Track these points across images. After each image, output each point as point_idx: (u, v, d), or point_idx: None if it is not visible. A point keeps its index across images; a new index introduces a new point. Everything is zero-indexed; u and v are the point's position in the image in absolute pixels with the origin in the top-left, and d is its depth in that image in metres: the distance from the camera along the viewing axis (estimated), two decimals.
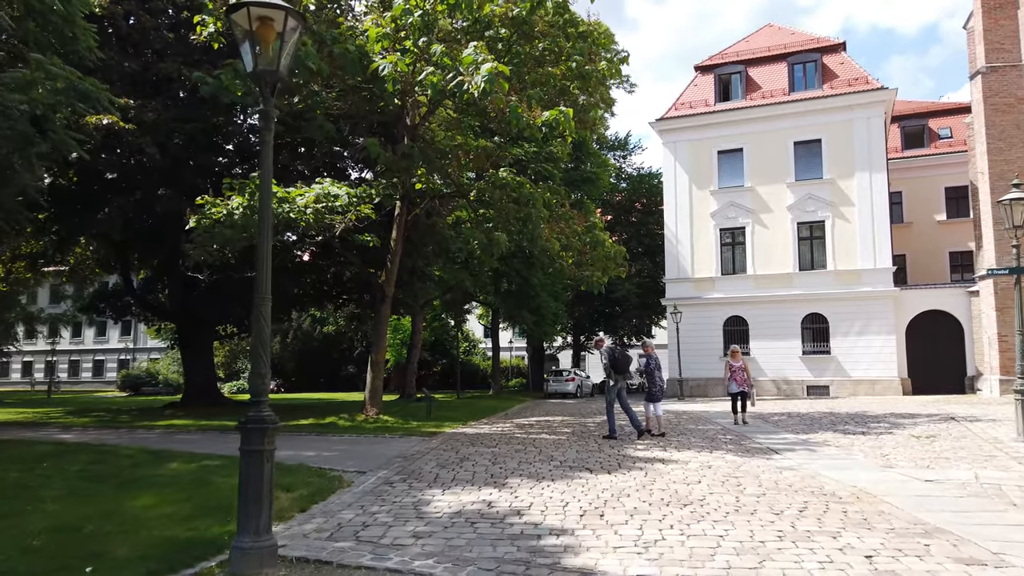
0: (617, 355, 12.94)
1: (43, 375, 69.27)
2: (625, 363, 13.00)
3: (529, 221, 13.98)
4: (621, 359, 12.94)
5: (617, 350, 13.06)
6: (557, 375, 36.53)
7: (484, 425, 15.95)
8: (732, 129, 32.90)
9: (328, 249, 24.81)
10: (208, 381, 26.40)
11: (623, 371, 13.00)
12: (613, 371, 12.98)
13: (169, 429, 15.10)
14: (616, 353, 12.97)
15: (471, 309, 44.82)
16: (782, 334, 30.78)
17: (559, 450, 10.81)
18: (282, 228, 15.87)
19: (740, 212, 32.31)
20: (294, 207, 15.05)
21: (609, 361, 12.95)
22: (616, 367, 12.94)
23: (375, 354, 17.66)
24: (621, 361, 12.94)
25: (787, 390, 30.52)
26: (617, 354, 12.96)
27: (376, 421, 16.11)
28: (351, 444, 11.77)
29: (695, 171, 33.26)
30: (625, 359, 13.01)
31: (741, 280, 32.08)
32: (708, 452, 10.61)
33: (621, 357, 12.95)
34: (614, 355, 12.96)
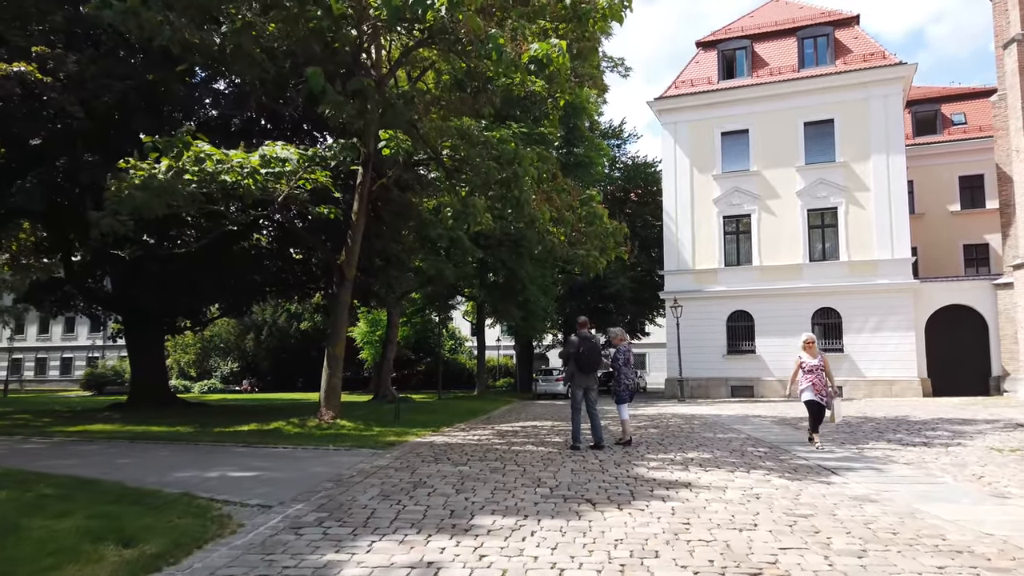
0: (583, 349, 10.25)
1: (7, 373, 66.10)
2: (591, 360, 10.31)
3: (514, 184, 11.37)
4: (587, 354, 10.26)
5: (585, 342, 10.34)
6: (546, 374, 33.94)
7: (459, 432, 13.32)
8: (737, 109, 30.45)
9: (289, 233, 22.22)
10: (157, 380, 23.63)
11: (588, 370, 10.34)
12: (576, 369, 10.37)
13: (81, 437, 12.38)
14: (582, 347, 10.27)
15: (456, 305, 42.22)
16: (791, 330, 28.19)
17: (548, 469, 8.20)
18: (219, 195, 13.21)
19: (745, 198, 29.84)
20: (231, 168, 12.44)
21: (573, 355, 10.35)
22: (579, 364, 10.31)
23: (332, 347, 15.01)
24: (586, 357, 10.26)
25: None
26: (583, 348, 10.26)
27: (330, 427, 13.46)
28: (280, 459, 9.11)
29: (697, 154, 30.76)
30: (592, 354, 10.31)
31: (746, 272, 29.60)
32: (744, 472, 8.04)
33: (588, 352, 10.26)
34: (578, 349, 10.29)
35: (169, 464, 8.61)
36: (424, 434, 12.65)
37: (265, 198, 13.71)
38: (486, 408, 22.46)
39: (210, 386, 48.39)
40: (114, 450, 10.20)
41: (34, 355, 67.86)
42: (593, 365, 10.29)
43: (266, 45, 11.60)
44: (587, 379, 10.34)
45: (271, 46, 11.76)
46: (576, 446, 10.21)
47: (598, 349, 10.32)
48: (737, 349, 29.30)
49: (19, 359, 67.81)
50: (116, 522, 5.24)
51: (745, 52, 31.26)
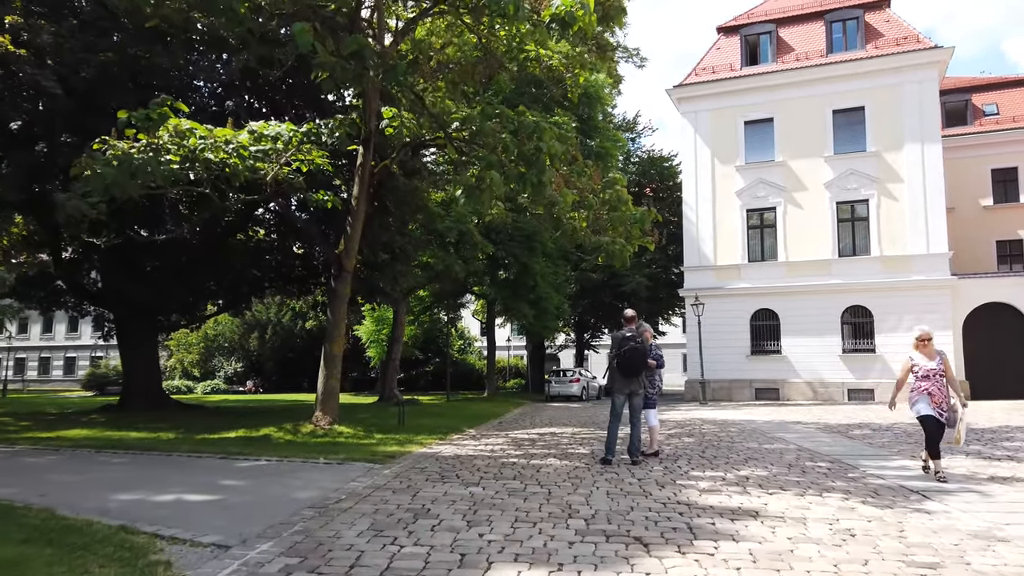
0: (624, 349, 8.77)
1: (11, 373, 65.19)
2: (634, 362, 8.76)
3: (534, 161, 9.93)
4: (629, 356, 8.74)
5: (628, 341, 8.81)
6: (559, 375, 32.48)
7: (468, 440, 11.92)
8: (761, 96, 28.90)
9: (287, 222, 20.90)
10: (150, 380, 22.32)
11: (630, 373, 8.82)
12: (617, 372, 8.95)
13: (47, 445, 11.05)
14: (623, 347, 8.79)
15: (466, 303, 40.87)
16: (819, 329, 26.76)
17: (578, 491, 6.77)
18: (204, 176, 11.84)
19: (770, 190, 28.30)
20: (216, 145, 11.11)
21: (614, 356, 8.94)
22: (620, 366, 8.84)
23: (329, 345, 13.63)
24: (628, 358, 8.74)
25: (824, 393, 26.51)
26: (625, 348, 8.78)
27: (325, 434, 12.08)
28: (258, 476, 7.71)
29: (718, 144, 29.23)
30: (636, 355, 8.75)
31: (771, 268, 28.05)
32: (816, 495, 6.60)
33: (630, 353, 8.73)
34: (619, 349, 8.85)
35: (123, 482, 7.25)
36: (430, 442, 11.25)
37: (256, 179, 12.37)
38: (497, 411, 21.07)
39: (213, 387, 47.11)
40: (71, 463, 8.85)
41: (37, 354, 66.97)
42: (636, 368, 8.79)
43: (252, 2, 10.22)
44: (629, 383, 8.87)
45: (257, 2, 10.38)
46: (608, 459, 8.79)
47: (643, 350, 8.80)
48: (761, 349, 27.76)
49: (23, 359, 66.94)
50: (12, 574, 3.87)
51: (769, 37, 29.72)
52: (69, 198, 10.54)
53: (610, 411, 9.09)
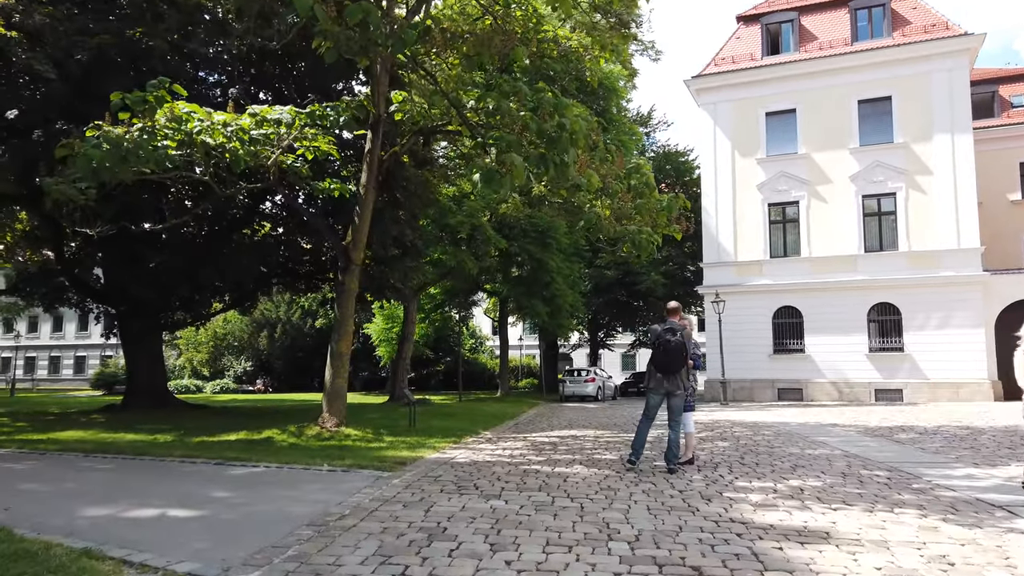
0: (659, 343, 7.96)
1: (21, 372, 64.97)
2: (671, 359, 7.91)
3: (557, 141, 9.11)
4: (665, 351, 7.92)
5: (664, 335, 7.99)
6: (575, 374, 31.61)
7: (485, 444, 11.12)
8: (783, 87, 27.95)
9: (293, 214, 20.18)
10: (154, 379, 21.64)
11: (667, 371, 7.97)
12: (652, 369, 8.16)
13: (33, 448, 10.33)
14: (659, 340, 7.98)
15: (478, 301, 40.10)
16: (844, 328, 25.79)
17: (614, 505, 5.95)
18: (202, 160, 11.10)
19: (793, 184, 27.34)
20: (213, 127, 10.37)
21: (654, 352, 8.15)
22: (655, 362, 8.06)
23: (336, 343, 12.86)
24: (664, 354, 7.93)
25: (849, 394, 25.55)
26: (660, 342, 7.95)
27: (331, 437, 11.31)
28: (253, 486, 6.93)
29: (739, 137, 28.30)
30: (673, 352, 7.89)
31: (794, 264, 27.11)
32: (888, 511, 5.77)
33: (666, 348, 7.90)
34: (655, 343, 8.06)
35: (101, 493, 6.50)
36: (443, 446, 10.45)
37: (258, 167, 11.64)
38: (511, 412, 20.28)
39: (223, 386, 46.55)
40: (51, 469, 8.10)
41: (48, 353, 66.74)
42: (673, 364, 7.96)
43: None
44: (667, 382, 8.04)
45: None
46: (633, 460, 7.97)
47: (681, 345, 7.94)
48: (784, 348, 26.81)
49: (33, 357, 66.77)
50: None
51: (791, 25, 28.76)
52: (56, 182, 9.81)
53: (643, 411, 8.27)
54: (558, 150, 9.18)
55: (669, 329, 8.11)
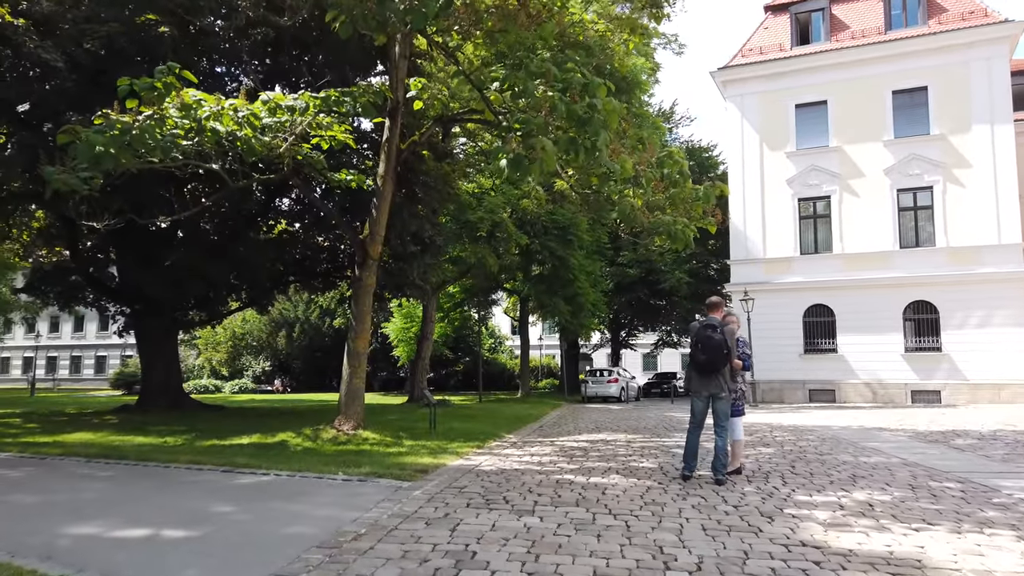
0: (698, 340, 7.37)
1: (43, 372, 65.31)
2: (711, 357, 7.27)
3: (588, 123, 8.43)
4: (703, 349, 7.32)
5: (703, 331, 7.40)
6: (597, 375, 30.86)
7: (510, 448, 10.45)
8: (813, 78, 27.02)
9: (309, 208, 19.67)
10: (169, 379, 21.20)
11: (705, 370, 7.33)
12: (693, 371, 7.52)
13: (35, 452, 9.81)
14: (698, 338, 7.40)
15: (498, 300, 39.46)
16: (878, 327, 24.83)
17: (664, 524, 5.26)
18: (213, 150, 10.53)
19: (824, 178, 26.42)
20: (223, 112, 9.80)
21: (692, 351, 7.51)
22: (693, 361, 7.47)
23: (352, 342, 12.25)
24: (701, 352, 7.34)
25: (884, 395, 24.59)
26: (699, 339, 7.36)
27: (348, 441, 10.70)
28: (259, 498, 6.31)
29: (767, 130, 27.42)
30: (712, 350, 7.26)
31: (825, 260, 26.18)
32: (975, 530, 5.05)
33: (704, 345, 7.31)
34: (694, 341, 7.46)
35: (93, 506, 5.91)
36: (467, 451, 9.79)
37: (272, 156, 11.06)
38: (534, 413, 19.62)
39: (241, 386, 46.24)
40: (46, 477, 7.54)
41: (69, 353, 67.01)
42: (713, 364, 7.28)
43: None
44: (708, 383, 7.35)
45: None
46: (687, 474, 7.29)
47: (722, 343, 7.25)
48: (816, 348, 25.90)
49: (54, 357, 67.11)
50: None
51: (822, 14, 27.81)
52: (58, 171, 9.27)
53: (690, 416, 7.57)
54: (589, 133, 8.48)
55: (709, 325, 7.44)
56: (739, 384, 7.77)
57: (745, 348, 7.89)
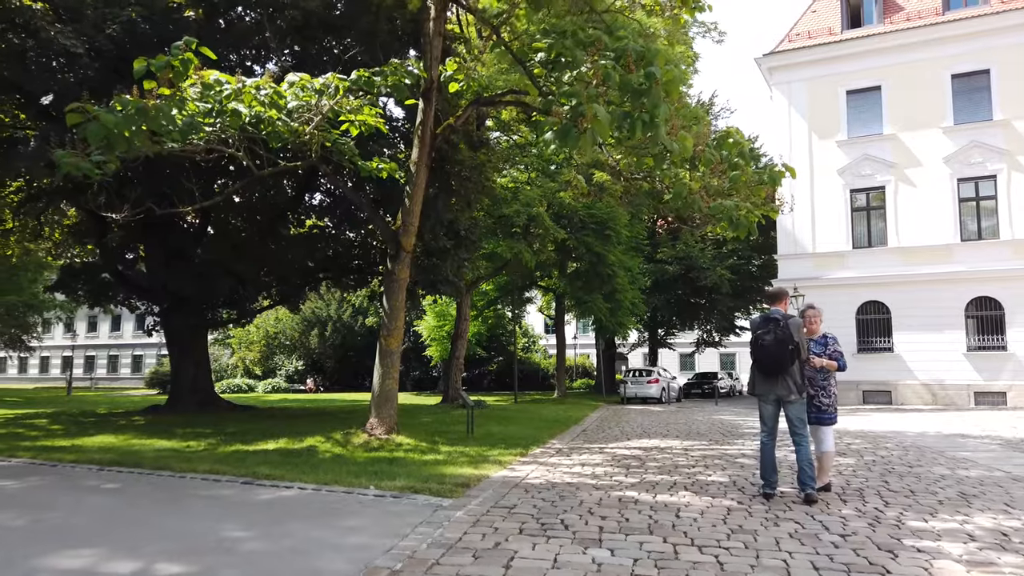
0: (760, 337, 6.49)
1: (81, 371, 66.08)
2: (776, 356, 6.35)
3: (647, 94, 7.49)
4: (764, 346, 6.41)
5: (766, 325, 6.51)
6: (637, 375, 29.78)
7: (557, 456, 9.54)
8: (866, 62, 25.63)
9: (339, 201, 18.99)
10: (199, 378, 20.68)
11: (771, 371, 6.41)
12: (756, 371, 6.64)
13: (46, 459, 9.17)
14: (759, 333, 6.52)
15: (532, 299, 38.55)
16: (937, 324, 23.40)
17: (761, 558, 4.33)
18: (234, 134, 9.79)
19: (878, 167, 25.03)
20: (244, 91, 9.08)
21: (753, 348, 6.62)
22: (756, 360, 6.58)
23: (385, 340, 11.44)
24: (764, 350, 6.42)
25: (944, 397, 23.16)
26: (761, 335, 6.48)
27: (380, 446, 9.90)
28: (279, 519, 5.48)
29: (816, 117, 26.10)
30: (775, 347, 6.33)
31: (880, 255, 24.79)
32: None
33: (765, 342, 6.41)
34: (756, 338, 6.60)
35: (86, 528, 5.13)
36: (509, 460, 8.91)
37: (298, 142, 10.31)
38: (574, 415, 18.68)
39: (274, 385, 46.01)
40: (48, 490, 6.82)
41: (106, 352, 67.72)
42: (776, 363, 6.35)
43: None
44: (773, 385, 6.42)
45: None
46: (769, 492, 6.32)
47: (787, 338, 6.32)
48: (870, 347, 24.53)
49: (92, 356, 67.87)
50: None
51: None
52: (69, 154, 8.59)
53: (760, 424, 6.63)
54: (648, 105, 7.53)
55: (770, 319, 6.51)
56: (832, 387, 6.78)
57: (836, 345, 6.89)
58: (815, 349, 6.87)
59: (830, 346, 6.81)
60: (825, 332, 7.04)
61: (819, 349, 6.89)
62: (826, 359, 6.78)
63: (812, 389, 6.76)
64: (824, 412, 6.74)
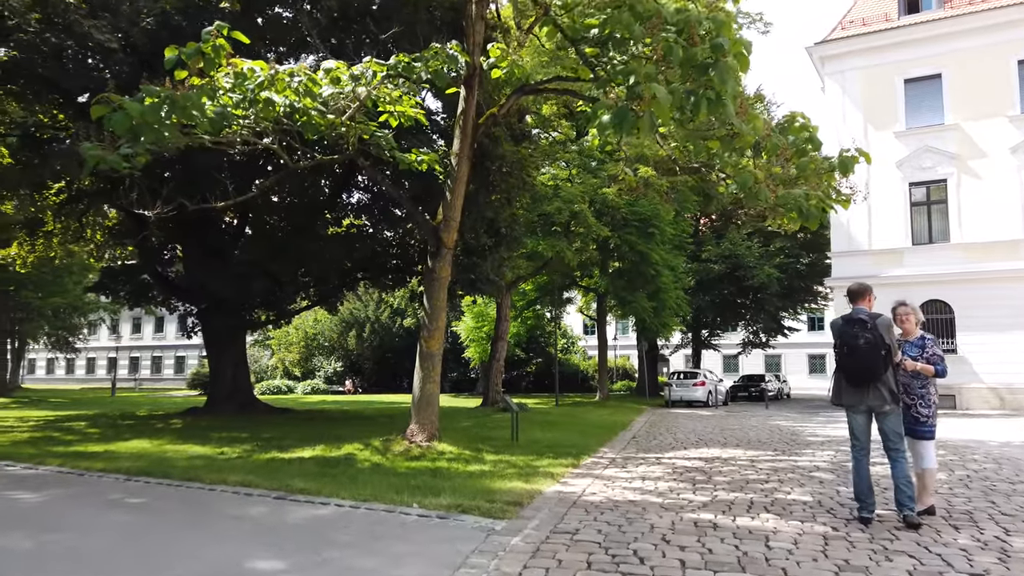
0: (844, 342, 5.73)
1: (127, 371, 67.19)
2: (866, 361, 5.59)
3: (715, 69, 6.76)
4: (852, 352, 5.66)
5: (851, 327, 5.74)
6: (682, 377, 28.82)
7: (612, 468, 8.83)
8: (924, 49, 24.34)
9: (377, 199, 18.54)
10: (237, 380, 20.41)
11: (859, 380, 5.65)
12: (842, 380, 5.87)
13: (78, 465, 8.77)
14: (843, 337, 5.76)
15: (572, 299, 37.79)
16: (1007, 324, 22.05)
17: None
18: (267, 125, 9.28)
19: (939, 159, 23.73)
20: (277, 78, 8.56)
21: (838, 354, 5.84)
22: (842, 367, 5.84)
23: (425, 342, 10.85)
24: (851, 356, 5.66)
25: (1013, 402, 21.82)
26: (844, 338, 5.73)
27: (422, 454, 9.29)
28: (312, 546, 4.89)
29: (872, 108, 24.89)
30: (862, 355, 5.59)
31: (942, 251, 23.49)
32: None
33: (853, 346, 5.65)
34: (839, 342, 5.85)
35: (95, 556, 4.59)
36: (561, 472, 8.22)
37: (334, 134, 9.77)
38: (620, 420, 17.90)
39: (313, 387, 45.99)
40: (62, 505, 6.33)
41: (150, 354, 68.72)
42: (866, 371, 5.59)
43: None
44: (865, 394, 5.66)
45: None
46: (866, 516, 5.54)
47: (876, 341, 5.54)
48: None
49: (136, 358, 68.96)
50: None
51: None
52: (94, 147, 8.16)
53: (850, 438, 5.86)
54: (715, 80, 6.80)
55: (855, 320, 5.73)
56: (931, 396, 5.96)
57: (935, 347, 6.07)
58: (910, 352, 6.08)
59: (928, 348, 6.01)
60: (922, 332, 6.22)
61: (915, 352, 6.09)
62: (922, 363, 5.97)
63: (908, 398, 5.96)
64: (923, 424, 5.95)
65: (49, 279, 32.76)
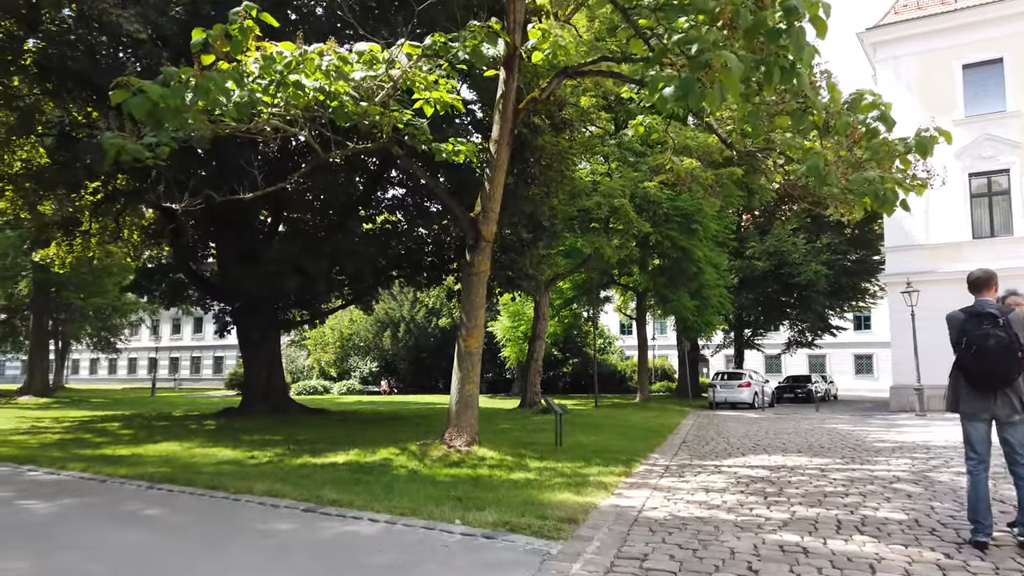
0: (967, 339, 4.97)
1: (167, 371, 68.06)
2: (997, 361, 4.82)
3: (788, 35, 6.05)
4: (980, 350, 4.90)
5: (976, 321, 4.97)
6: (726, 378, 27.86)
7: (668, 477, 8.12)
8: (983, 32, 23.08)
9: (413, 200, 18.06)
10: (272, 380, 20.07)
11: (986, 384, 4.92)
12: (963, 383, 5.09)
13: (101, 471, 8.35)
14: (965, 333, 4.99)
15: (610, 298, 36.97)
16: None
17: None
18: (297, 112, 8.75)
19: (1001, 148, 22.47)
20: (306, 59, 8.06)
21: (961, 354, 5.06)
22: (964, 368, 5.10)
23: (464, 341, 10.24)
24: (978, 355, 4.91)
25: None
26: (967, 335, 4.94)
27: (461, 461, 8.68)
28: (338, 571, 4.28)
29: (927, 95, 23.67)
30: (992, 355, 4.82)
31: (1004, 245, 22.22)
32: None
33: (981, 345, 4.90)
34: (959, 338, 5.04)
35: None
36: (614, 481, 7.53)
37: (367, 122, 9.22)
38: (665, 423, 17.13)
39: (349, 387, 45.83)
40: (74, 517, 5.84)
41: (189, 354, 69.51)
42: (998, 374, 4.82)
43: None
44: (990, 401, 4.89)
45: None
46: (982, 540, 4.77)
47: (1009, 340, 4.76)
48: None
49: (176, 358, 69.81)
50: None
51: None
52: (115, 136, 7.71)
53: (966, 448, 5.07)
54: (793, 44, 6.07)
55: (982, 314, 4.93)
56: None
57: None
58: None
59: None
60: None
61: None
62: None
63: None
64: None
65: (89, 280, 33.00)
